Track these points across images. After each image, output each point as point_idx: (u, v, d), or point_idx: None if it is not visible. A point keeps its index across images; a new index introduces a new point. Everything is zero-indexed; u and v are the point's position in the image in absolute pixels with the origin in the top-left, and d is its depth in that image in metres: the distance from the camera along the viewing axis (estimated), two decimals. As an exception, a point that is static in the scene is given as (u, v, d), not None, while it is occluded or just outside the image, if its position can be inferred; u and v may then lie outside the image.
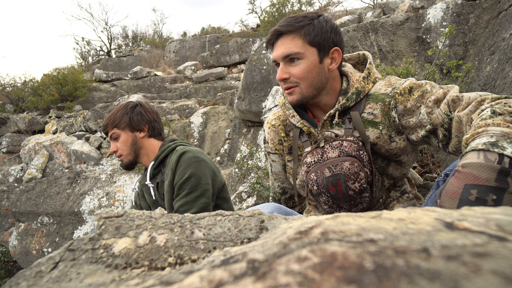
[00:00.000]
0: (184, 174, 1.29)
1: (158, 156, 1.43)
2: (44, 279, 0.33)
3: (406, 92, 0.98)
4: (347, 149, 0.97)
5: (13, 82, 9.85)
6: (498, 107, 0.70)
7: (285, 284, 0.20)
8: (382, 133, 1.02)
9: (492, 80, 2.12)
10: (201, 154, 1.36)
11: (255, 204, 2.62)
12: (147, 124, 1.48)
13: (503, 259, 0.21)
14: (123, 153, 1.44)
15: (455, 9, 2.91)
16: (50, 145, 4.99)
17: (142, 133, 1.46)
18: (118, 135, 1.43)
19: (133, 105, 1.49)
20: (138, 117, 1.45)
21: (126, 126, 1.43)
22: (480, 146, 0.61)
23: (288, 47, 1.00)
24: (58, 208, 3.34)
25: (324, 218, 0.32)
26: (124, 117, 1.44)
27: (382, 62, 3.07)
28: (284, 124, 1.20)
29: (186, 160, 1.32)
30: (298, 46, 0.99)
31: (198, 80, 7.72)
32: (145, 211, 0.44)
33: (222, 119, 5.15)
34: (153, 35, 15.27)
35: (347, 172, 0.96)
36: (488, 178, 0.57)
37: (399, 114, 1.00)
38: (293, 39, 1.00)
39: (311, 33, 0.99)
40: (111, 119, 1.44)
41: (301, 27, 0.99)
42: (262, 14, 10.31)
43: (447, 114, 0.86)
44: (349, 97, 1.03)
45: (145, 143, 1.47)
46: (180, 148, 1.39)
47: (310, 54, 1.00)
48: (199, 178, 1.30)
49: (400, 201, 1.12)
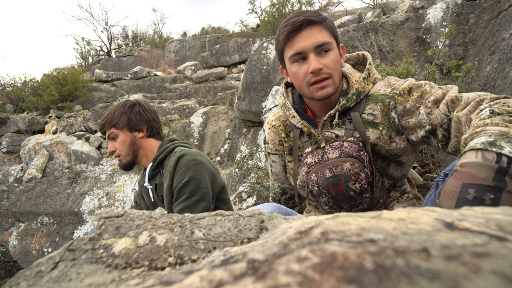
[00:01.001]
0: (184, 178, 1.27)
1: (156, 157, 1.39)
2: (44, 279, 0.33)
3: (406, 93, 0.98)
4: (347, 150, 0.97)
5: (13, 82, 9.85)
6: (497, 107, 0.70)
7: (285, 284, 0.20)
8: (382, 134, 1.02)
9: (492, 80, 2.12)
10: (199, 156, 1.34)
11: (255, 204, 2.62)
12: (146, 124, 1.43)
13: (503, 259, 0.21)
14: (122, 153, 1.40)
15: (455, 9, 2.91)
16: (50, 145, 4.99)
17: (141, 133, 1.42)
18: (116, 135, 1.39)
19: (131, 104, 1.44)
20: (136, 117, 1.41)
21: (125, 126, 1.39)
22: (479, 145, 0.61)
23: (319, 36, 0.98)
24: (58, 208, 3.34)
25: (324, 218, 0.32)
26: (123, 116, 1.39)
27: (382, 62, 3.06)
28: (285, 124, 1.19)
29: (184, 163, 1.29)
30: (328, 36, 0.99)
31: (198, 80, 7.72)
32: (145, 211, 0.44)
33: (222, 119, 5.15)
34: (153, 35, 15.28)
35: (347, 173, 0.96)
36: (486, 177, 0.57)
37: (398, 114, 1.00)
38: (321, 30, 0.99)
39: (331, 26, 1.01)
40: (109, 118, 1.40)
41: (324, 20, 1.00)
42: (262, 14, 10.30)
43: (446, 115, 0.86)
44: (349, 97, 1.03)
45: (144, 143, 1.44)
46: (178, 149, 1.36)
47: (335, 47, 1.01)
48: (199, 181, 1.28)
49: (400, 201, 1.12)
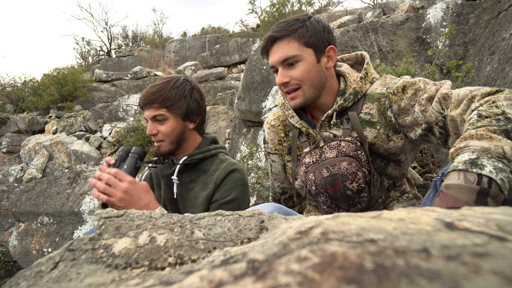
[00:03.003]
0: (228, 195, 1.16)
1: (193, 155, 1.23)
2: (44, 279, 0.33)
3: (400, 91, 0.98)
4: (345, 149, 0.98)
5: (13, 82, 9.86)
6: (485, 109, 0.70)
7: (285, 284, 0.20)
8: (380, 133, 1.02)
9: (492, 80, 2.12)
10: (246, 176, 1.23)
11: (255, 204, 2.62)
12: (200, 115, 1.24)
13: (503, 259, 0.21)
14: (166, 140, 1.18)
15: (455, 9, 2.91)
16: (50, 145, 4.99)
17: (192, 124, 1.23)
18: (166, 118, 1.16)
19: (191, 87, 1.21)
20: (194, 105, 1.21)
21: (181, 112, 1.18)
22: (461, 165, 0.62)
23: (284, 51, 1.00)
24: (58, 208, 3.34)
25: (324, 218, 0.32)
26: (181, 101, 1.17)
27: (382, 62, 3.06)
28: (284, 124, 1.20)
29: (234, 180, 1.18)
30: (295, 49, 1.00)
31: (198, 80, 7.72)
32: (145, 211, 0.44)
33: (222, 119, 5.15)
34: (153, 35, 15.28)
35: (344, 172, 0.97)
36: (468, 200, 0.59)
37: (394, 113, 1.00)
38: (289, 42, 1.00)
39: (306, 34, 1.00)
40: (162, 96, 1.15)
41: (295, 30, 1.00)
42: (262, 14, 10.31)
43: (440, 112, 0.85)
44: (347, 97, 1.03)
45: (191, 136, 1.25)
46: (224, 158, 1.24)
47: (307, 55, 1.01)
48: (241, 203, 1.18)
49: (399, 201, 1.12)
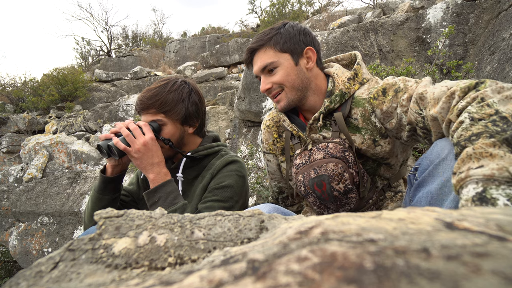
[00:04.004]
0: (222, 181, 1.13)
1: (196, 151, 1.19)
2: (44, 279, 0.33)
3: (380, 95, 0.97)
4: (332, 151, 0.99)
5: (13, 82, 9.85)
6: (476, 111, 0.64)
7: (285, 284, 0.20)
8: (365, 138, 1.02)
9: (492, 80, 2.12)
10: (244, 169, 1.21)
11: (255, 204, 2.62)
12: (200, 119, 1.21)
13: (503, 259, 0.21)
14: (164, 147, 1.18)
15: (455, 9, 2.91)
16: (50, 145, 4.99)
17: (191, 128, 1.20)
18: (164, 124, 1.13)
19: (189, 90, 1.18)
20: (193, 108, 1.17)
21: (179, 117, 1.14)
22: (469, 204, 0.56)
23: (262, 59, 1.06)
24: (58, 208, 3.34)
25: (324, 218, 0.32)
26: (179, 105, 1.14)
27: (382, 62, 3.06)
28: (278, 125, 1.22)
29: (230, 169, 1.16)
30: (271, 56, 1.05)
31: (198, 80, 7.72)
32: (145, 211, 0.44)
33: (222, 119, 5.15)
34: (153, 35, 15.29)
35: (331, 173, 0.98)
36: None
37: (379, 118, 0.99)
38: (265, 51, 1.06)
39: (280, 41, 1.05)
40: (159, 100, 1.11)
41: (270, 39, 1.05)
42: (262, 14, 10.31)
43: (418, 113, 0.83)
44: (333, 99, 1.04)
45: (190, 140, 1.22)
46: (224, 154, 1.23)
47: (284, 60, 1.05)
48: (234, 192, 1.14)
49: (393, 200, 1.12)
